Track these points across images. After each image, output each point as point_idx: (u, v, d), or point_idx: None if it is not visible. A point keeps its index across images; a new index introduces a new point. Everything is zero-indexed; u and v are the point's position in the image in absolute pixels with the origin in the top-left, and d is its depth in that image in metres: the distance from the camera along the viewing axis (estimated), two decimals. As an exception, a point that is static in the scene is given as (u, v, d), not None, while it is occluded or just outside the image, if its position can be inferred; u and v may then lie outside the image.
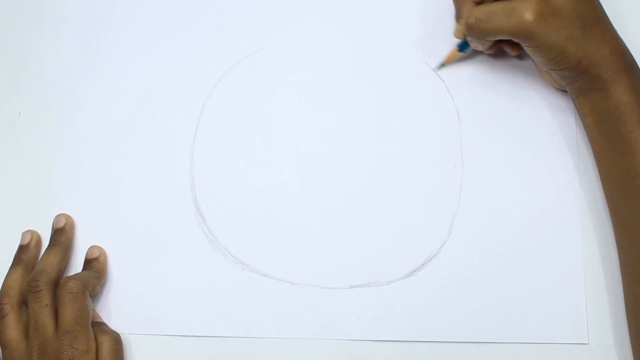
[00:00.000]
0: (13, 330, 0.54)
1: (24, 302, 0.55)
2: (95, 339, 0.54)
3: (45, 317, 0.53)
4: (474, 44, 0.55)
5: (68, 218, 0.59)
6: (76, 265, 0.58)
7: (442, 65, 0.58)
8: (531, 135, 0.57)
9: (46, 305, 0.53)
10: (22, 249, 0.58)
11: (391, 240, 0.56)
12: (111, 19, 0.62)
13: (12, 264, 0.57)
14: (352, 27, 0.60)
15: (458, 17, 0.55)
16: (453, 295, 0.55)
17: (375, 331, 0.55)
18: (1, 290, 0.55)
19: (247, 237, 0.57)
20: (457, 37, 0.56)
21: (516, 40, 0.52)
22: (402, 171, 0.57)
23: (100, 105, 0.61)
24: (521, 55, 0.57)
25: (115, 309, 0.57)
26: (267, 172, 0.58)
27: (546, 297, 0.54)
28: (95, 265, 0.57)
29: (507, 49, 0.56)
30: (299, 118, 0.59)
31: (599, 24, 0.51)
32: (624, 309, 0.53)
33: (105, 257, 0.58)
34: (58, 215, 0.59)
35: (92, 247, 0.58)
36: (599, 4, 0.52)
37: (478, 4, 0.53)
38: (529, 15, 0.49)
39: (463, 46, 0.56)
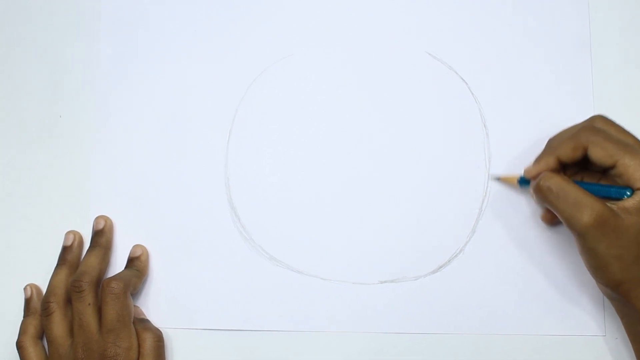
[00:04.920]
0: (59, 327, 0.55)
1: (69, 301, 0.56)
2: (139, 336, 0.55)
3: (89, 316, 0.54)
4: (531, 192, 0.53)
5: (107, 220, 0.59)
6: (116, 263, 0.59)
7: (498, 178, 0.58)
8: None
9: (89, 304, 0.55)
10: (65, 249, 0.59)
11: (418, 239, 0.58)
12: (146, 26, 0.62)
13: (57, 264, 0.58)
14: (377, 31, 0.60)
15: (537, 160, 0.53)
16: (477, 291, 0.57)
17: (404, 324, 0.57)
18: (47, 289, 0.57)
19: (281, 235, 0.59)
20: (526, 176, 0.54)
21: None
22: (429, 173, 0.58)
23: (136, 108, 0.61)
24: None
25: (155, 305, 0.59)
26: (298, 173, 0.59)
27: (565, 292, 0.56)
28: (136, 264, 0.58)
29: (546, 217, 0.56)
30: (328, 120, 0.60)
31: None
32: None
33: (147, 256, 0.59)
34: (97, 218, 0.59)
35: (135, 246, 0.59)
36: None
37: (561, 163, 0.52)
38: (587, 218, 0.48)
39: (523, 182, 0.55)
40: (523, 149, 0.58)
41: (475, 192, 0.58)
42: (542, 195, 0.51)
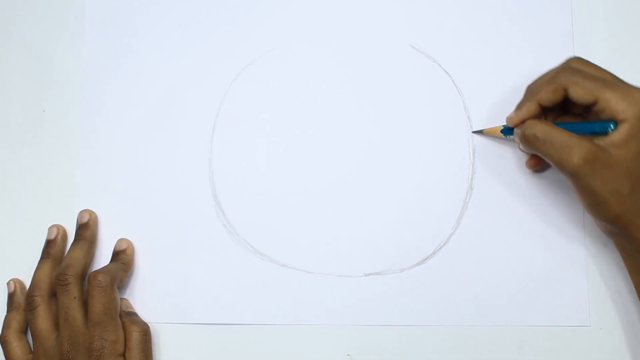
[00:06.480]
0: (44, 321, 0.55)
1: (53, 294, 0.56)
2: (125, 329, 0.55)
3: (74, 309, 0.54)
4: (516, 140, 0.54)
5: (91, 213, 0.59)
6: (101, 258, 0.59)
7: (481, 132, 0.58)
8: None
9: (75, 297, 0.54)
10: (49, 243, 0.58)
11: (403, 231, 0.58)
12: (132, 21, 0.62)
13: (41, 258, 0.58)
14: (360, 25, 0.60)
15: (519, 107, 0.53)
16: (462, 282, 0.57)
17: (389, 317, 0.57)
18: (32, 283, 0.56)
19: (266, 228, 0.58)
20: (509, 124, 0.54)
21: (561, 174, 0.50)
22: (414, 166, 0.58)
23: (121, 103, 0.61)
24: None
25: (141, 299, 0.58)
26: (282, 166, 0.59)
27: (550, 282, 0.56)
28: (122, 257, 0.58)
29: (530, 163, 0.56)
30: (311, 113, 0.60)
31: None
32: (624, 294, 0.55)
33: (133, 249, 0.59)
34: (82, 211, 0.59)
35: (120, 240, 0.59)
36: None
37: (543, 108, 0.52)
38: (576, 158, 0.48)
39: (507, 132, 0.55)
40: (506, 142, 0.58)
41: (460, 184, 0.58)
42: (529, 144, 0.51)
